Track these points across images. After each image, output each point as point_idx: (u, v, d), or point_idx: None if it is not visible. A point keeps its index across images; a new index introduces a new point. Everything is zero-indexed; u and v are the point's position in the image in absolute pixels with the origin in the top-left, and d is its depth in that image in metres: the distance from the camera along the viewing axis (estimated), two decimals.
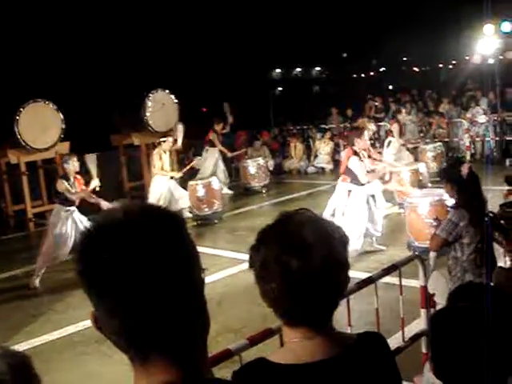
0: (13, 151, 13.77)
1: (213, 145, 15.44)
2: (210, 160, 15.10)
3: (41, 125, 13.67)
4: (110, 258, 1.14)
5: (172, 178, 12.44)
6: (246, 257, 1.73)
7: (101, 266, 1.14)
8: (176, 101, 15.54)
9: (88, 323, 6.86)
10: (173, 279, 1.17)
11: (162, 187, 12.23)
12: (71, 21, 16.38)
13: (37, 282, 9.06)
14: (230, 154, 16.29)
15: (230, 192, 15.55)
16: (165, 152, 12.34)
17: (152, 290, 1.14)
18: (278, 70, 39.56)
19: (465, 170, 5.23)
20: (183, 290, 1.19)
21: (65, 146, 14.19)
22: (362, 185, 9.03)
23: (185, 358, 1.20)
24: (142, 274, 1.13)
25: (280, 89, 39.05)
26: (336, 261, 1.64)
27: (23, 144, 13.51)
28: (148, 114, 14.91)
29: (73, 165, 9.12)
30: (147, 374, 1.19)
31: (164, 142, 12.32)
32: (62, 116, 14.07)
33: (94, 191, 9.41)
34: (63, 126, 14.08)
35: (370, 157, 9.46)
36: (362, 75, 39.92)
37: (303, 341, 1.67)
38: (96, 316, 1.20)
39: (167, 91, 15.49)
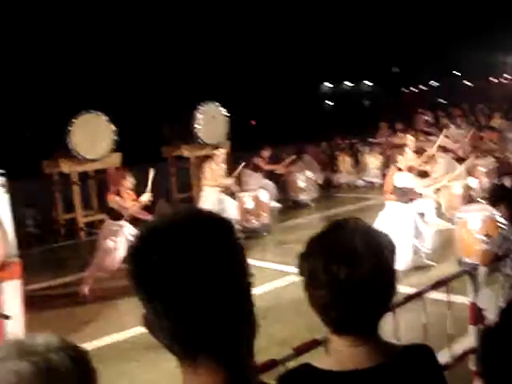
0: (65, 161, 14.07)
1: (255, 169, 15.47)
2: (255, 181, 15.10)
3: (93, 136, 13.95)
4: (160, 260, 1.18)
5: (222, 189, 12.47)
6: (294, 270, 1.75)
7: (151, 269, 1.18)
8: (226, 113, 15.66)
9: (137, 330, 6.95)
10: (221, 282, 1.20)
11: (212, 198, 12.25)
12: (125, 34, 16.67)
13: (86, 289, 9.21)
14: (280, 169, 16.32)
15: (278, 205, 15.55)
16: (217, 164, 12.35)
17: (200, 292, 1.17)
18: (329, 84, 39.51)
19: (508, 182, 5.18)
20: (231, 293, 1.22)
21: (116, 157, 14.42)
22: (409, 202, 9.00)
23: (232, 361, 1.23)
24: (191, 276, 1.17)
25: (330, 103, 38.99)
26: (384, 269, 1.65)
27: (75, 154, 13.81)
28: (198, 127, 15.07)
29: (126, 181, 9.32)
30: (196, 375, 1.22)
31: (216, 154, 12.32)
32: (113, 127, 14.32)
33: (145, 206, 9.51)
34: (115, 137, 14.34)
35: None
36: (413, 89, 39.63)
37: (350, 348, 1.67)
38: (146, 318, 1.24)
39: (217, 104, 15.62)
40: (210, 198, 12.25)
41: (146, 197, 9.46)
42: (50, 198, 15.07)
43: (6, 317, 3.84)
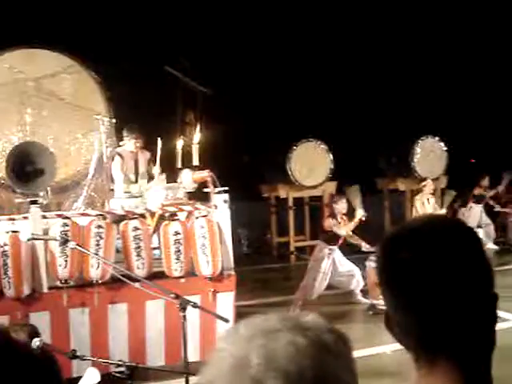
0: (283, 186, 14.65)
1: (478, 201, 14.90)
2: (473, 219, 14.55)
3: (311, 163, 14.38)
4: (411, 258, 1.22)
5: None
6: (505, 315, 1.68)
7: (400, 265, 1.23)
8: (445, 149, 15.31)
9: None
10: (467, 286, 1.20)
11: None
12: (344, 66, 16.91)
13: (293, 311, 9.38)
14: (498, 208, 15.58)
15: (495, 247, 14.81)
16: (428, 200, 12.07)
17: (446, 293, 1.19)
18: None
19: None
20: (476, 299, 1.21)
21: (331, 186, 14.68)
22: None
23: (472, 369, 1.21)
24: (439, 276, 1.19)
25: None
26: None
27: (293, 180, 14.31)
28: (415, 160, 14.89)
29: (341, 206, 9.51)
30: (432, 377, 1.22)
31: (425, 186, 12.07)
32: (331, 157, 14.62)
33: (360, 223, 9.57)
34: (332, 167, 14.62)
35: None
36: None
37: None
38: (389, 316, 1.27)
39: (437, 138, 15.33)
40: None
41: (359, 214, 9.50)
42: (265, 221, 15.68)
43: (226, 320, 4.05)
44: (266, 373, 0.90)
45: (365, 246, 9.73)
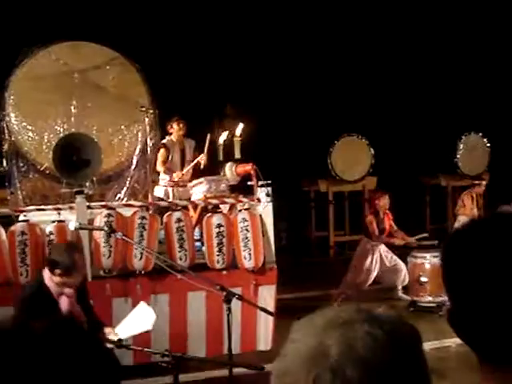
0: (323, 180, 14.60)
1: None
2: None
3: (351, 158, 14.32)
4: (475, 255, 1.19)
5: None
6: None
7: (464, 262, 1.21)
8: (488, 145, 15.10)
9: None
10: None
11: None
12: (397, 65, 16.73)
13: (335, 306, 9.34)
14: None
15: None
16: (472, 197, 11.95)
17: (504, 293, 1.16)
18: None
19: None
20: None
21: (372, 181, 14.59)
22: None
23: None
24: (505, 275, 1.16)
25: None
26: None
27: (333, 174, 14.28)
28: (458, 157, 14.73)
29: (384, 202, 9.54)
30: (495, 379, 1.20)
31: (478, 184, 11.94)
32: (372, 151, 14.54)
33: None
34: (373, 162, 14.54)
35: None
36: None
37: None
38: (452, 313, 1.25)
39: (480, 134, 15.14)
40: None
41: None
42: (305, 215, 15.65)
43: (271, 313, 4.06)
44: (345, 362, 0.90)
45: (412, 240, 9.73)
